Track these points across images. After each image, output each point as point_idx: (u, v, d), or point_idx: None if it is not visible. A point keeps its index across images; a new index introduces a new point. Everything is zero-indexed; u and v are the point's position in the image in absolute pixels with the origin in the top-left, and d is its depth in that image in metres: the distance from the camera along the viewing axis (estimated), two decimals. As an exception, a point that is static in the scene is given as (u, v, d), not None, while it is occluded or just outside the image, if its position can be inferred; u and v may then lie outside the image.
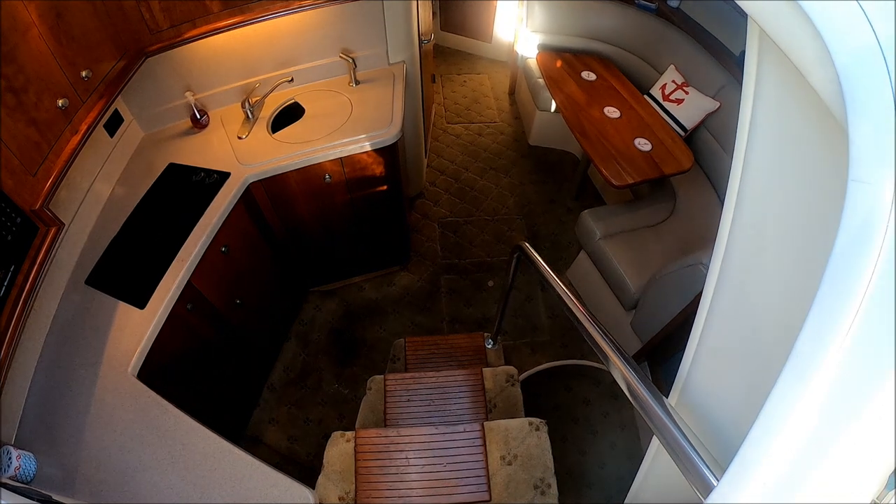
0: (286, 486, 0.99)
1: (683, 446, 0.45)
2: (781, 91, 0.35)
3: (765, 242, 0.40)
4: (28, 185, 1.02)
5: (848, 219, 0.24)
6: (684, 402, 0.56)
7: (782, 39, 0.29)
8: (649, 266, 1.76)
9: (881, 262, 0.23)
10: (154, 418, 1.06)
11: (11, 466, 0.88)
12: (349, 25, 1.71)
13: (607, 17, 2.39)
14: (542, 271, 1.13)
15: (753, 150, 0.39)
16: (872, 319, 0.24)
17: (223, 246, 1.45)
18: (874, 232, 0.23)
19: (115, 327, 1.19)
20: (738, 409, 0.43)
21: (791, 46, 0.29)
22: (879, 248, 0.23)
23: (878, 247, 0.23)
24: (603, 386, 1.89)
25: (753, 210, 0.40)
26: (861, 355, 0.25)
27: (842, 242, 0.25)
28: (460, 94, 3.09)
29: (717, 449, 0.46)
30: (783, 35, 0.29)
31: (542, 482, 1.16)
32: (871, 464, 0.28)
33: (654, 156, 1.93)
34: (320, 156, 1.58)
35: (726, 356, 0.47)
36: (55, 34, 1.06)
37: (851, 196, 0.24)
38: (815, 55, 0.26)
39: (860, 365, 0.25)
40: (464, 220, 2.46)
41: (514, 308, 2.11)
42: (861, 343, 0.25)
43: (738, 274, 0.44)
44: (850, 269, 0.24)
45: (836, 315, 0.25)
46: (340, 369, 1.97)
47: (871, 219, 0.23)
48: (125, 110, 1.55)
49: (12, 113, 0.97)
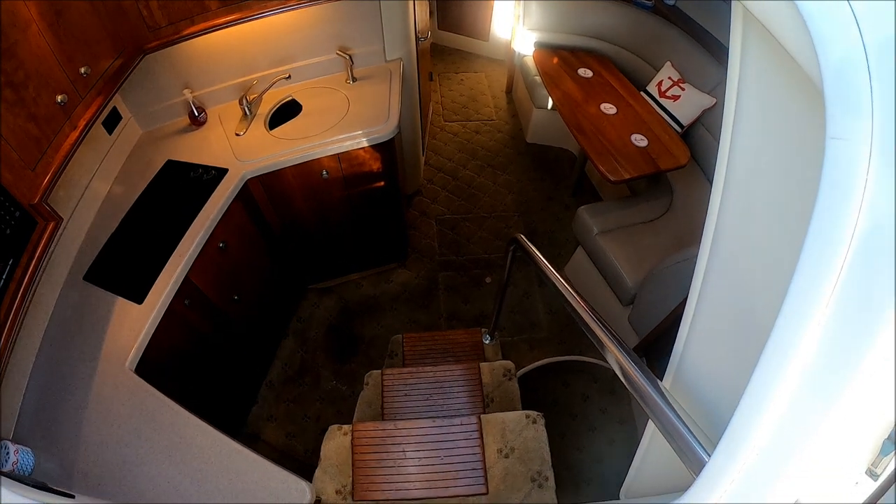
0: (283, 479, 0.99)
1: (677, 426, 0.45)
2: (764, 67, 0.36)
3: (753, 220, 0.41)
4: (27, 180, 1.03)
5: (828, 175, 0.25)
6: (678, 384, 0.57)
7: (760, 11, 0.29)
8: (646, 261, 1.77)
9: (862, 215, 0.24)
10: (151, 412, 1.06)
11: (9, 461, 0.88)
12: (346, 22, 1.72)
13: (604, 14, 2.41)
14: (538, 261, 1.14)
15: (740, 128, 0.39)
16: (856, 277, 0.24)
17: (221, 242, 1.46)
18: (854, 184, 0.24)
19: (112, 322, 1.19)
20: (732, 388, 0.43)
21: (769, 17, 0.29)
22: (860, 201, 0.24)
23: (859, 200, 0.24)
24: (601, 382, 1.90)
25: (741, 189, 0.41)
26: (849, 314, 0.25)
27: (823, 199, 0.25)
28: (457, 92, 3.10)
29: (712, 429, 0.46)
30: (761, 6, 0.29)
31: (539, 475, 1.16)
32: (863, 429, 0.28)
33: (650, 151, 1.93)
34: (318, 152, 1.59)
35: (719, 335, 0.48)
36: (55, 31, 1.07)
37: (830, 154, 0.25)
38: (792, 23, 0.27)
39: (849, 326, 0.25)
40: (461, 217, 2.47)
41: (512, 304, 2.11)
42: (847, 301, 0.25)
43: (728, 253, 0.45)
44: (833, 224, 0.25)
45: (822, 273, 0.25)
46: (338, 366, 1.97)
47: (850, 172, 0.24)
48: (123, 108, 1.56)
49: (12, 108, 0.98)
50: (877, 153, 0.24)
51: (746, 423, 0.31)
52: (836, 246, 0.25)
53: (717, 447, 0.34)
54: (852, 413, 0.27)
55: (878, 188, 0.23)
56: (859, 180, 0.24)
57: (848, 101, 0.24)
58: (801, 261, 0.26)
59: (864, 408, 0.27)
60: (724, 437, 0.33)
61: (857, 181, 0.24)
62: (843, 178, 0.24)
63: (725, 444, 0.33)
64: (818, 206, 0.26)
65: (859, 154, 0.24)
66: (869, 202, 0.24)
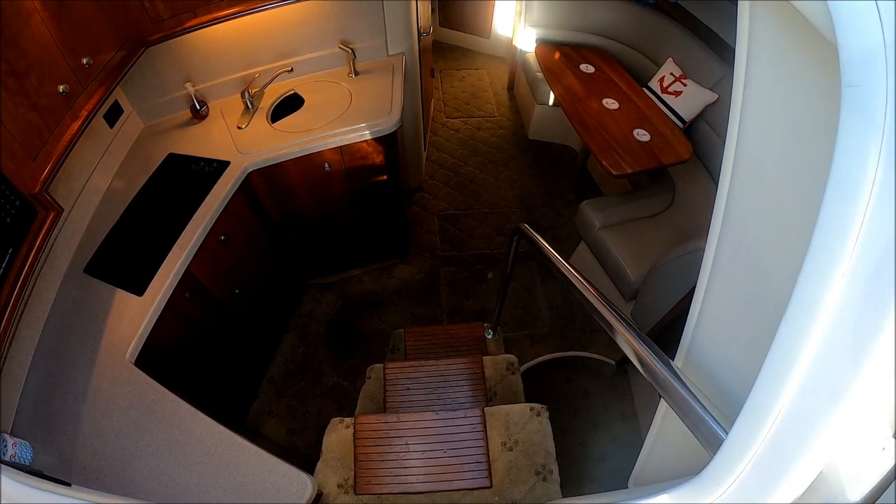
0: (284, 471, 0.98)
1: (691, 404, 0.44)
2: (774, 33, 0.35)
3: (764, 189, 0.40)
4: (28, 169, 1.02)
5: (845, 123, 0.24)
6: (690, 363, 0.56)
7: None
8: (649, 256, 1.76)
9: (882, 159, 0.23)
10: (151, 404, 1.05)
11: (6, 455, 0.87)
12: (348, 16, 1.72)
13: (606, 11, 2.41)
14: (543, 249, 1.13)
15: (750, 95, 0.39)
16: (879, 223, 0.23)
17: (222, 235, 1.45)
18: (872, 130, 0.23)
19: (112, 314, 1.19)
20: (745, 364, 0.42)
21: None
22: (879, 146, 0.23)
23: (878, 145, 0.23)
24: (603, 378, 1.88)
25: (752, 158, 0.40)
26: (874, 264, 0.24)
27: (841, 147, 0.25)
28: (459, 89, 3.11)
29: (725, 405, 0.46)
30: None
31: (543, 468, 1.15)
32: (889, 391, 0.27)
33: (652, 146, 1.93)
34: (320, 144, 1.58)
35: (731, 310, 0.47)
36: (57, 21, 1.07)
37: (846, 103, 0.24)
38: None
39: (875, 277, 0.25)
40: (463, 213, 2.46)
41: (514, 300, 2.10)
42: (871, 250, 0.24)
43: (739, 224, 0.44)
44: (852, 174, 0.24)
45: (844, 220, 0.25)
46: (340, 361, 1.95)
47: (868, 118, 0.23)
48: (125, 102, 1.56)
49: (14, 97, 0.97)
50: (892, 97, 0.23)
51: (769, 389, 0.30)
52: (857, 192, 0.24)
53: (737, 419, 0.33)
54: (878, 374, 0.26)
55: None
56: (877, 126, 0.23)
57: (860, 46, 0.24)
58: (822, 210, 0.26)
59: (890, 367, 0.26)
60: (745, 409, 0.32)
61: (875, 127, 0.23)
62: (861, 124, 0.24)
63: (747, 416, 0.32)
64: (837, 155, 0.25)
65: (876, 98, 0.23)
66: (887, 147, 0.23)
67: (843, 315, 0.25)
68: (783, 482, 0.30)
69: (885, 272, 0.24)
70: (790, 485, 0.30)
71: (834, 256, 0.25)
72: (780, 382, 0.29)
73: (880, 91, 0.23)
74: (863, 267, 0.24)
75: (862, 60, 0.24)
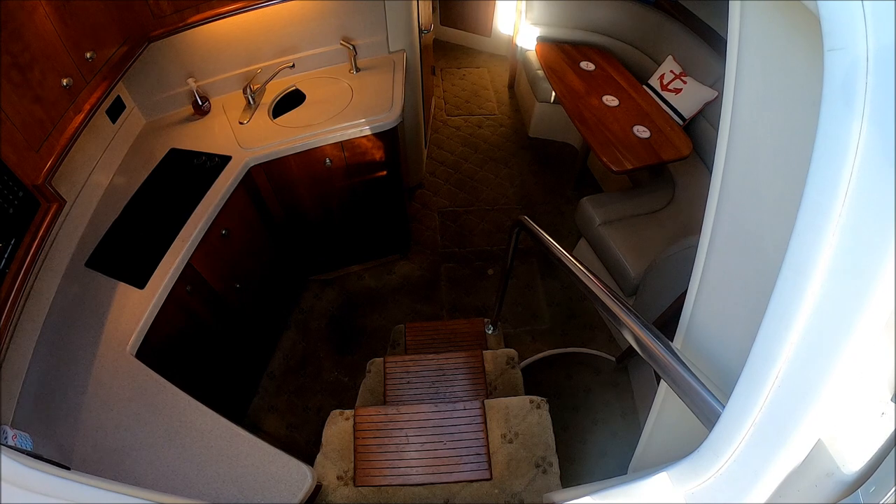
0: (284, 462, 0.98)
1: (690, 382, 0.45)
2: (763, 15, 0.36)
3: (759, 166, 0.40)
4: (31, 161, 1.03)
5: (829, 85, 0.25)
6: (689, 343, 0.56)
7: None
8: (649, 252, 1.76)
9: (866, 118, 0.23)
10: (151, 396, 1.05)
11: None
12: (350, 13, 1.73)
13: (606, 9, 2.42)
14: (543, 240, 1.13)
15: (742, 77, 0.39)
16: (868, 180, 0.24)
17: (223, 229, 1.46)
18: (855, 88, 0.24)
19: (114, 307, 1.19)
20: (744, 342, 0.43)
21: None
22: (863, 104, 0.23)
23: (861, 103, 0.23)
24: (604, 374, 1.88)
25: (746, 137, 0.41)
26: (863, 220, 0.25)
27: (826, 108, 0.25)
28: (460, 87, 3.12)
29: (724, 384, 0.46)
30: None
31: (543, 461, 1.15)
32: (886, 353, 0.28)
33: (652, 143, 1.93)
34: (321, 139, 1.59)
35: (728, 289, 0.47)
36: (61, 15, 1.08)
37: (829, 66, 0.25)
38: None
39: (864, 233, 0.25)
40: (464, 210, 2.47)
41: (514, 296, 2.10)
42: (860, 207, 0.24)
43: (734, 203, 0.44)
44: (838, 132, 0.24)
45: (833, 177, 0.25)
46: (340, 357, 1.96)
47: (851, 77, 0.24)
48: (127, 97, 1.57)
49: (17, 89, 0.98)
50: (873, 57, 0.23)
51: (766, 354, 0.30)
52: (844, 149, 0.24)
53: (735, 389, 0.33)
54: (874, 335, 0.26)
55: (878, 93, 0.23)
56: (860, 85, 0.24)
57: (842, 14, 0.24)
58: (811, 169, 0.26)
59: (885, 327, 0.26)
60: (742, 378, 0.32)
61: (858, 86, 0.24)
62: (844, 83, 0.24)
63: (744, 384, 0.32)
64: (823, 116, 0.25)
65: (858, 59, 0.24)
66: (870, 105, 0.23)
67: (837, 272, 0.26)
68: (782, 450, 0.30)
69: (879, 224, 0.24)
70: (789, 452, 0.30)
71: (825, 213, 0.25)
72: (776, 346, 0.29)
73: (860, 50, 0.23)
74: (855, 221, 0.25)
75: (841, 22, 0.24)
